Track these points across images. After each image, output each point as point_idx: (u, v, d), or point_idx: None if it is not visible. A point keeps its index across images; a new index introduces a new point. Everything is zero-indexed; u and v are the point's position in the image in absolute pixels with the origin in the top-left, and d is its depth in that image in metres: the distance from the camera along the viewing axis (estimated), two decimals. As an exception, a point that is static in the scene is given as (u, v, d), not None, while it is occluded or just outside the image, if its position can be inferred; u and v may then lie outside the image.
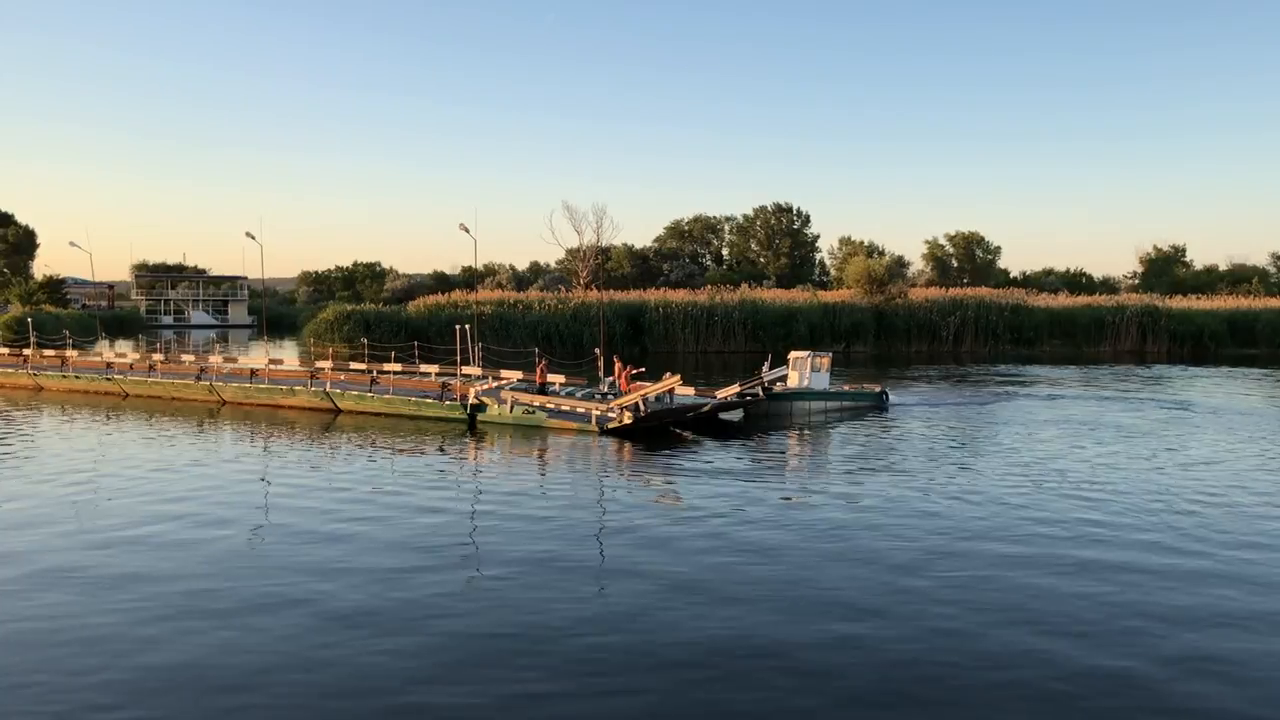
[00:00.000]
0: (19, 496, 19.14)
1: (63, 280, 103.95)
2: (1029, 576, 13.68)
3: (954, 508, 18.11)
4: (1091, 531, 16.29)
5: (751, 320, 69.37)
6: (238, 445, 26.22)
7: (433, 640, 11.18)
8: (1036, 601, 12.59)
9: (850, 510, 17.94)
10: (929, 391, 40.61)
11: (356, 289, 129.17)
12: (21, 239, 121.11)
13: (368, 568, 13.97)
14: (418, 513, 17.59)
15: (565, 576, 13.60)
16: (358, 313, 72.12)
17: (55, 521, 17.00)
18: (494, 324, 66.44)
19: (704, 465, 23.08)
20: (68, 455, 24.31)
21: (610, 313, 68.63)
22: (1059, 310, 75.89)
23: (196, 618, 11.86)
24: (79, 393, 38.96)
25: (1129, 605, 12.46)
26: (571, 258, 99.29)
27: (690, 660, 10.63)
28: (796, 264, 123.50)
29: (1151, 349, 71.13)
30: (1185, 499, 19.00)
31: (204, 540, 15.54)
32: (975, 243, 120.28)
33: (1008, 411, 33.76)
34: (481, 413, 29.43)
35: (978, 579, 13.58)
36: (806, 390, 32.60)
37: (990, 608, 12.34)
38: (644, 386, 28.84)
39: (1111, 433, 28.44)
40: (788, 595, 12.84)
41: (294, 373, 36.40)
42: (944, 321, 71.92)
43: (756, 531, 16.29)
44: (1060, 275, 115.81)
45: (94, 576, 13.59)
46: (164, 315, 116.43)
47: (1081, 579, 13.56)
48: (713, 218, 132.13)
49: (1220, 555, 14.93)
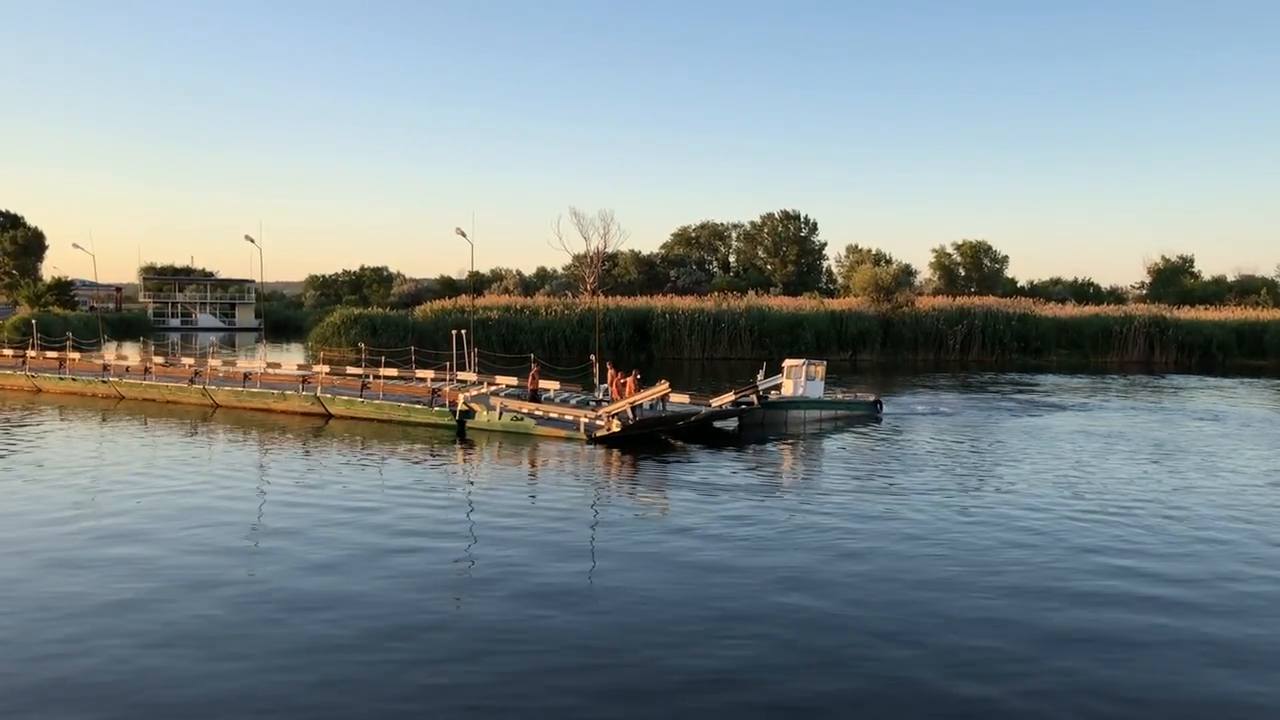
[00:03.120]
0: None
1: (71, 282, 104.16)
2: (1023, 597, 13.36)
3: (946, 522, 17.77)
4: (1091, 548, 15.97)
5: (758, 327, 69.10)
6: (224, 452, 26.03)
7: (401, 659, 10.93)
8: (1027, 615, 12.29)
9: (840, 524, 17.57)
10: (929, 400, 40.24)
11: (364, 293, 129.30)
12: (30, 241, 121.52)
13: (341, 583, 13.71)
14: (395, 526, 17.33)
15: (541, 597, 13.25)
16: (364, 317, 72.16)
17: (44, 523, 16.87)
18: (501, 329, 66.36)
19: (691, 475, 22.77)
20: (62, 457, 24.21)
21: (616, 319, 68.56)
22: (1066, 320, 75.43)
23: (168, 632, 11.65)
24: (76, 395, 38.94)
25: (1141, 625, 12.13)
26: (578, 263, 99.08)
27: (673, 681, 10.34)
28: (803, 271, 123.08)
29: (1159, 359, 70.69)
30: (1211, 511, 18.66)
31: (182, 550, 15.33)
32: (983, 252, 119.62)
33: (1006, 422, 33.40)
34: (470, 419, 29.20)
35: (976, 599, 13.15)
36: (801, 399, 32.33)
37: (989, 626, 12.01)
38: (635, 394, 28.56)
39: (1117, 443, 28.13)
40: (774, 614, 12.48)
41: (286, 377, 36.25)
42: (951, 330, 71.62)
43: (736, 547, 15.95)
44: (1068, 285, 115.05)
45: (67, 582, 13.44)
46: (171, 318, 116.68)
47: (1084, 603, 13.23)
48: (720, 224, 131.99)
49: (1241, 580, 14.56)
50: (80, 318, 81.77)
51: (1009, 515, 18.38)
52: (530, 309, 72.29)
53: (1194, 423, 33.93)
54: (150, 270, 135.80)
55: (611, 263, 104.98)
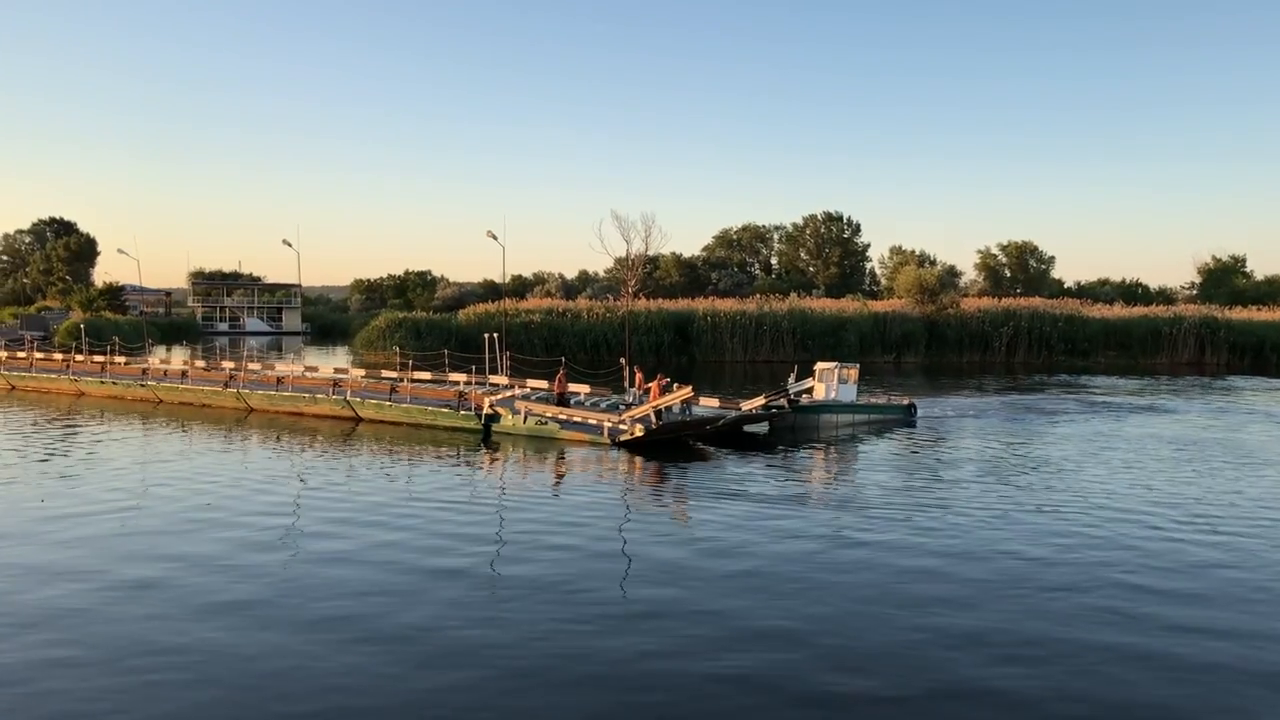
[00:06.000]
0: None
1: (122, 287, 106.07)
2: (1084, 616, 12.85)
3: (983, 535, 17.22)
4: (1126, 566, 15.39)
5: (800, 330, 68.40)
6: (257, 455, 26.11)
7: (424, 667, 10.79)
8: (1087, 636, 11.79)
9: (871, 537, 17.07)
10: (968, 404, 39.45)
11: (407, 297, 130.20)
12: (83, 247, 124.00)
13: (365, 584, 13.75)
14: (418, 529, 17.24)
15: (563, 606, 12.99)
16: (409, 320, 72.60)
17: (82, 527, 17.04)
18: (543, 333, 66.42)
19: (715, 481, 22.44)
20: (104, 461, 24.51)
21: (658, 322, 68.32)
22: (1114, 321, 73.97)
23: (202, 632, 11.71)
24: (116, 398, 39.50)
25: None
26: (619, 266, 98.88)
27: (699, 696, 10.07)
28: (846, 273, 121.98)
29: (1210, 360, 69.09)
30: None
31: (212, 552, 15.39)
32: (1029, 252, 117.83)
33: (1050, 426, 32.63)
34: (496, 423, 29.07)
35: (1026, 622, 12.42)
36: (833, 403, 31.78)
37: (1046, 659, 11.39)
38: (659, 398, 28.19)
39: (1184, 449, 27.39)
40: (800, 630, 12.05)
41: (318, 381, 36.44)
42: (996, 332, 70.46)
43: (763, 559, 15.49)
44: (1115, 285, 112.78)
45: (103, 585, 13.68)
46: (219, 322, 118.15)
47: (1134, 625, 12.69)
48: (762, 226, 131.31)
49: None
50: (130, 323, 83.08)
51: (1045, 527, 17.81)
52: (572, 312, 72.28)
53: (1261, 426, 32.95)
54: (199, 275, 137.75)
55: (653, 266, 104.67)
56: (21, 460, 24.50)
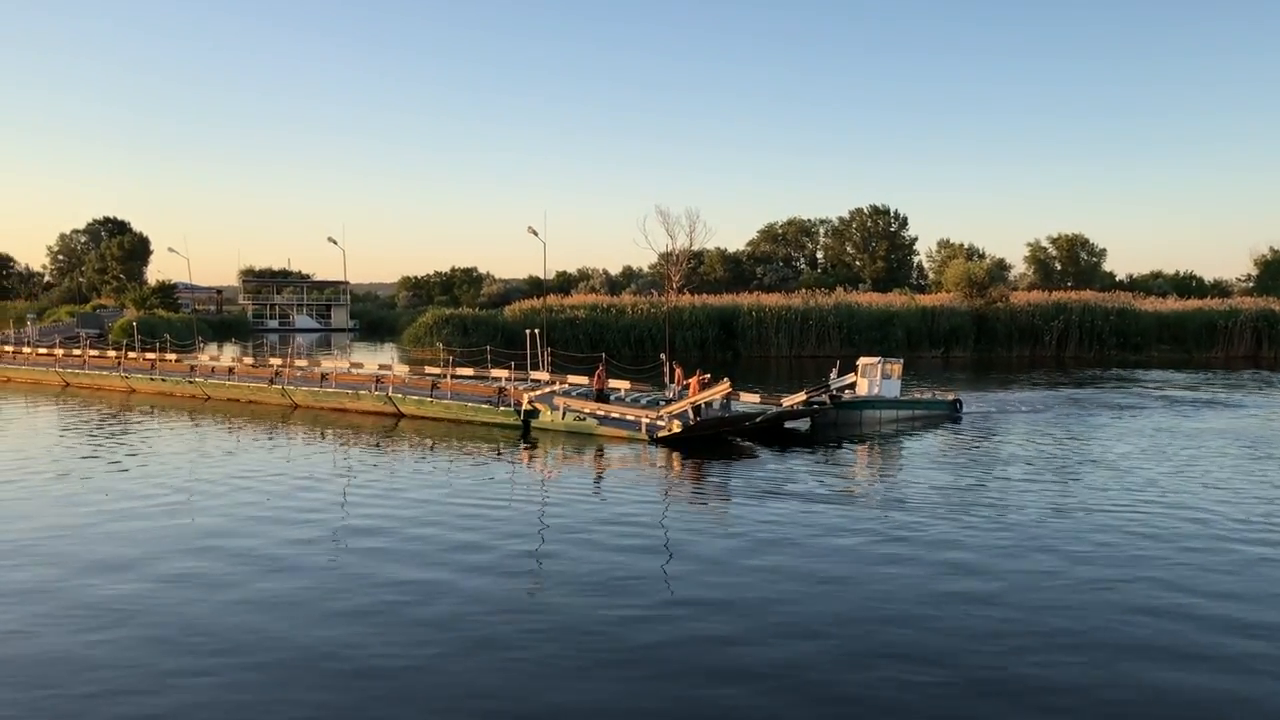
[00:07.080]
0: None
1: (174, 285, 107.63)
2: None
3: (1033, 534, 16.84)
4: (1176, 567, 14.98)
5: (847, 324, 67.73)
6: (297, 450, 26.30)
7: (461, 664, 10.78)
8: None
9: (912, 535, 16.78)
10: (1019, 398, 38.77)
11: (454, 294, 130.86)
12: (136, 246, 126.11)
13: (405, 577, 13.86)
14: (456, 525, 17.28)
15: (603, 598, 12.98)
16: (455, 317, 72.86)
17: (138, 519, 17.26)
18: (587, 328, 66.45)
19: (754, 478, 22.21)
20: (154, 456, 24.88)
21: (702, 317, 68.01)
22: (1168, 314, 72.47)
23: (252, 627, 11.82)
24: (165, 395, 40.07)
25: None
26: (664, 262, 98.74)
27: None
28: (893, 267, 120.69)
29: (1267, 354, 67.53)
30: None
31: (259, 547, 15.54)
32: (1079, 245, 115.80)
33: (1103, 421, 31.97)
34: (535, 419, 29.09)
35: (1081, 618, 12.21)
36: (876, 399, 31.38)
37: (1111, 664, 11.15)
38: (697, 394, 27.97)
39: (1251, 446, 26.69)
40: (841, 627, 11.91)
41: (361, 377, 36.71)
42: (1047, 326, 69.31)
43: (806, 560, 15.17)
44: (1169, 278, 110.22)
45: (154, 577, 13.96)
46: (269, 319, 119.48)
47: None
48: (807, 220, 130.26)
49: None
50: (182, 320, 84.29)
51: (1100, 524, 17.46)
52: (616, 308, 72.19)
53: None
54: (249, 273, 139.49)
55: (697, 261, 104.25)
56: (74, 456, 24.91)
